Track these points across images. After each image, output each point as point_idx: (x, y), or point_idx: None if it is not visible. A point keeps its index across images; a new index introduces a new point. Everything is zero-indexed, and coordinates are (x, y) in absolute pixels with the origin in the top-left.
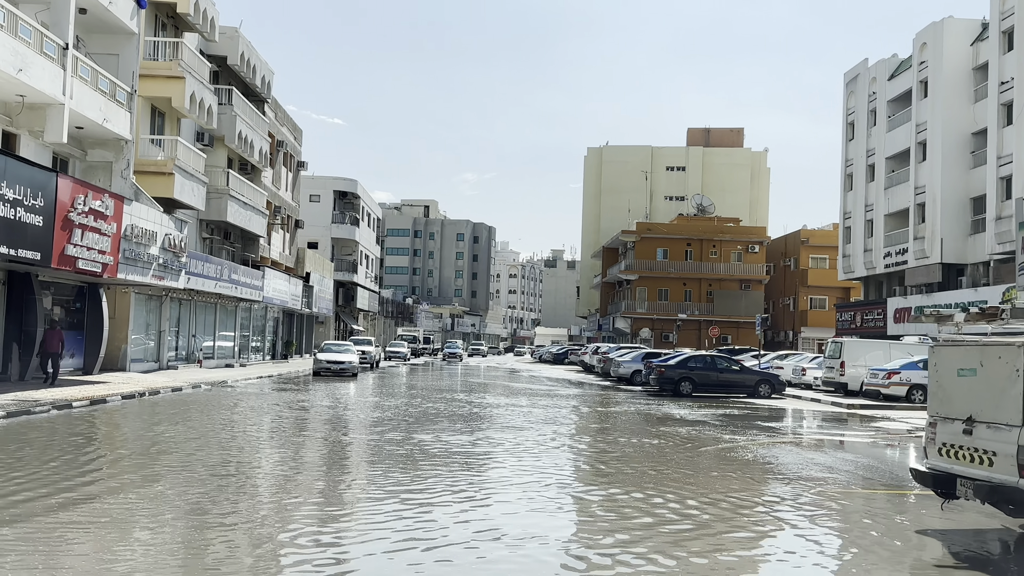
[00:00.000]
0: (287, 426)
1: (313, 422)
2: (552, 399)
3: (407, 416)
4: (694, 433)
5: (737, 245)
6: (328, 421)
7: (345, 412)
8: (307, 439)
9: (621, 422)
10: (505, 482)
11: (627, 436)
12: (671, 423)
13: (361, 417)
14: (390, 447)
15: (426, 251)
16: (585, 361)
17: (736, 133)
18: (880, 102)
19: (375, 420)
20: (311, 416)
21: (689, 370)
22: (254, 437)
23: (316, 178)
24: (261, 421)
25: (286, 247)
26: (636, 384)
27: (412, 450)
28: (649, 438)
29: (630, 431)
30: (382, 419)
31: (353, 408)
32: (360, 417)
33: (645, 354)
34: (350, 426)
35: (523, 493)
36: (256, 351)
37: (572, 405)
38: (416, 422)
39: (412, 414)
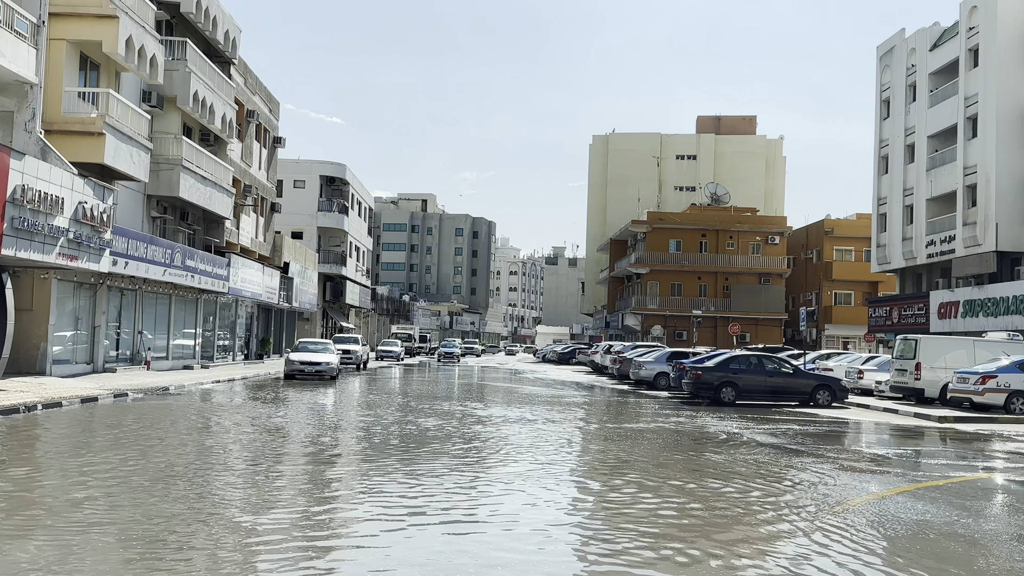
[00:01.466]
0: (193, 462)
1: (240, 454)
2: (564, 409)
3: (385, 441)
4: (771, 467)
5: (755, 236)
6: (268, 451)
7: (302, 435)
8: (208, 496)
9: (662, 445)
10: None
11: (678, 471)
12: (729, 447)
13: (321, 444)
14: (345, 511)
15: (423, 247)
16: (596, 361)
17: (748, 121)
18: (920, 75)
19: (338, 449)
20: (247, 441)
21: (732, 373)
22: (119, 489)
23: (301, 162)
24: (155, 456)
25: (259, 233)
26: (660, 388)
27: (384, 508)
28: (712, 476)
29: (682, 465)
30: (348, 448)
31: (315, 427)
32: (319, 444)
33: (671, 354)
34: (297, 462)
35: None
36: (225, 351)
37: (590, 418)
38: (395, 451)
39: (391, 438)
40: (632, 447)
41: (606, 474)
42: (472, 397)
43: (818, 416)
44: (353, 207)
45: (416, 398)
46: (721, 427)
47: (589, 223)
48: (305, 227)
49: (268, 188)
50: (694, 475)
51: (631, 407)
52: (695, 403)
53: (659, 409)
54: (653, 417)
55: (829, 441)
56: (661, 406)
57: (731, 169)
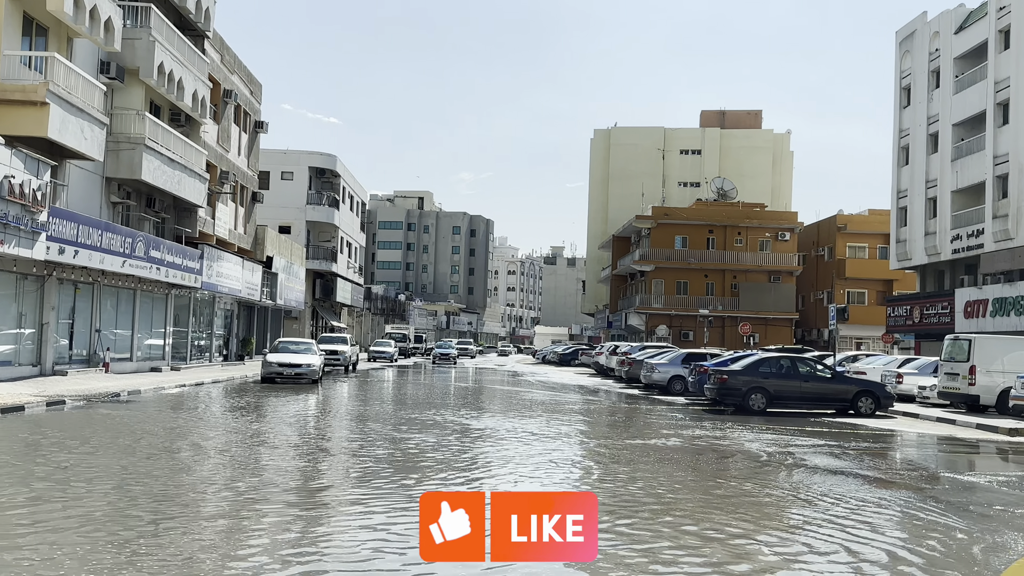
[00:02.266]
0: (73, 514)
1: (159, 493)
2: (572, 420)
3: (364, 473)
4: (862, 506)
5: (765, 232)
6: (197, 491)
7: (261, 458)
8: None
9: (701, 471)
10: None
11: (736, 514)
12: (784, 473)
13: (282, 472)
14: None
15: (420, 245)
16: (600, 363)
17: (754, 116)
18: (944, 60)
19: (293, 486)
20: (178, 468)
21: (762, 378)
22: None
23: (289, 153)
24: (51, 485)
25: (239, 224)
26: (675, 393)
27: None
28: (793, 524)
29: (737, 502)
30: (312, 484)
31: (275, 450)
32: (281, 472)
33: (686, 355)
34: (254, 501)
35: None
36: (202, 351)
37: (604, 432)
38: (374, 490)
39: (370, 466)
40: (665, 474)
41: (646, 525)
42: (468, 405)
43: (866, 428)
44: (344, 201)
45: (406, 406)
46: (760, 443)
47: (590, 220)
48: (293, 221)
49: (249, 176)
50: (765, 520)
51: (647, 416)
52: (718, 411)
53: (680, 419)
54: (676, 429)
55: (903, 464)
56: (681, 415)
57: (737, 164)
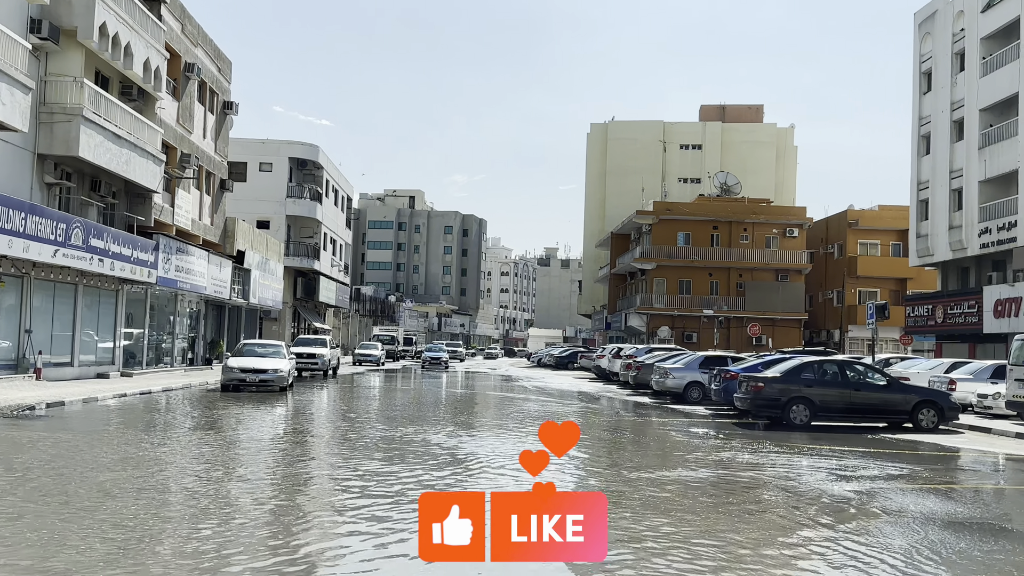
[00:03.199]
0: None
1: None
2: (584, 436)
3: (329, 500)
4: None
5: (772, 228)
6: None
7: (128, 510)
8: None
9: (765, 525)
10: None
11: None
12: (876, 519)
13: (186, 540)
14: None
15: (411, 245)
16: (602, 367)
17: (755, 110)
18: (970, 41)
19: (194, 555)
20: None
21: (804, 385)
22: None
23: (268, 142)
24: None
25: (204, 214)
26: (692, 401)
27: None
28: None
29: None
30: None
31: (171, 493)
32: (185, 539)
33: (704, 359)
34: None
35: None
36: (162, 355)
37: (619, 457)
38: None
39: (328, 515)
40: (708, 532)
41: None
42: (458, 420)
43: (943, 448)
44: (328, 195)
45: (385, 421)
46: (823, 474)
47: (587, 218)
48: (272, 215)
49: (216, 162)
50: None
51: (666, 433)
52: (748, 424)
53: (709, 436)
54: (706, 453)
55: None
56: (705, 429)
57: (739, 159)
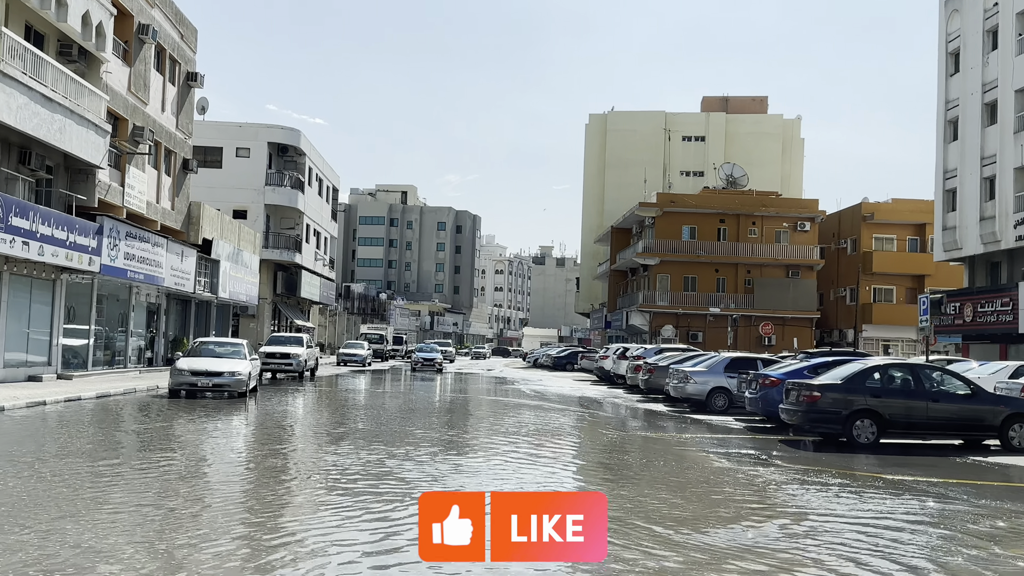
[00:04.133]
0: None
1: None
2: (586, 465)
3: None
4: None
5: (782, 222)
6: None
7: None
8: None
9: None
10: None
11: None
12: None
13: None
14: None
15: (403, 241)
16: (605, 369)
17: (759, 102)
18: (1004, 16)
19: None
20: None
21: (871, 395)
22: None
23: (245, 126)
24: None
25: (163, 196)
26: (716, 411)
27: None
28: None
29: None
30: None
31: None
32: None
33: (731, 361)
34: None
35: None
36: (114, 354)
37: (637, 501)
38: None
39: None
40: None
41: None
42: (444, 438)
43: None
44: (312, 184)
45: (356, 441)
46: (977, 534)
47: (585, 212)
48: (250, 204)
49: (179, 139)
50: None
51: (702, 458)
52: (794, 442)
53: (756, 461)
54: (769, 489)
55: None
56: (750, 450)
57: (744, 152)
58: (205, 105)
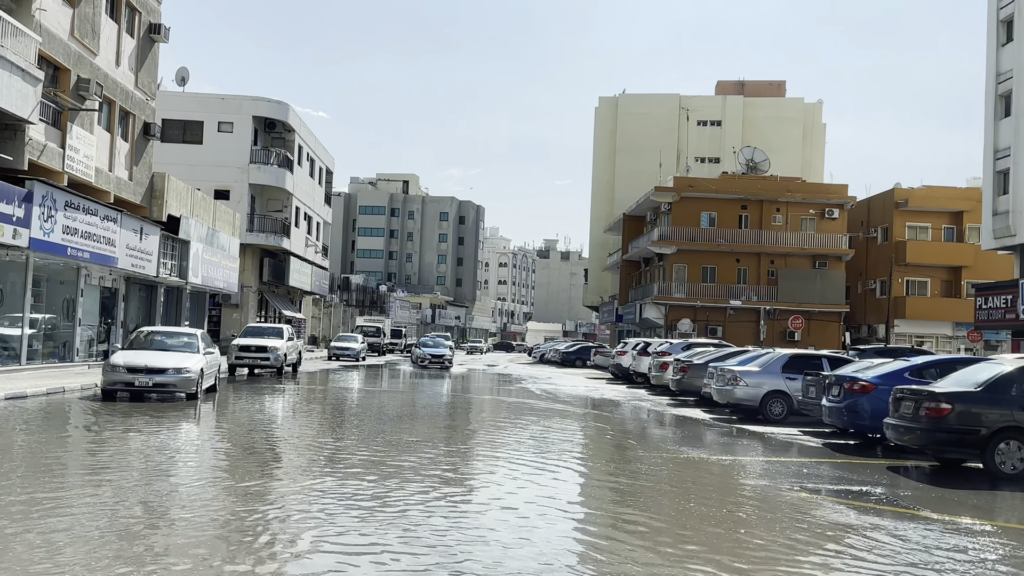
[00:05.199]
0: None
1: None
2: (638, 507)
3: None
4: None
5: (809, 209)
6: None
7: None
8: None
9: None
10: None
11: None
12: None
13: None
14: None
15: (404, 232)
16: (623, 366)
17: (777, 87)
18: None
19: None
20: None
21: (1018, 407)
22: None
23: (228, 99)
24: None
25: (117, 164)
26: (773, 419)
27: None
28: None
29: None
30: None
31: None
32: None
33: (790, 359)
34: None
35: None
36: (59, 345)
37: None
38: None
39: None
40: None
41: None
42: (438, 458)
43: None
44: (302, 163)
45: (330, 465)
46: None
47: (594, 199)
48: (233, 183)
49: (138, 100)
50: None
51: (795, 499)
52: (902, 468)
53: (892, 507)
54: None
55: None
56: (863, 486)
57: (763, 137)
58: (185, 76)
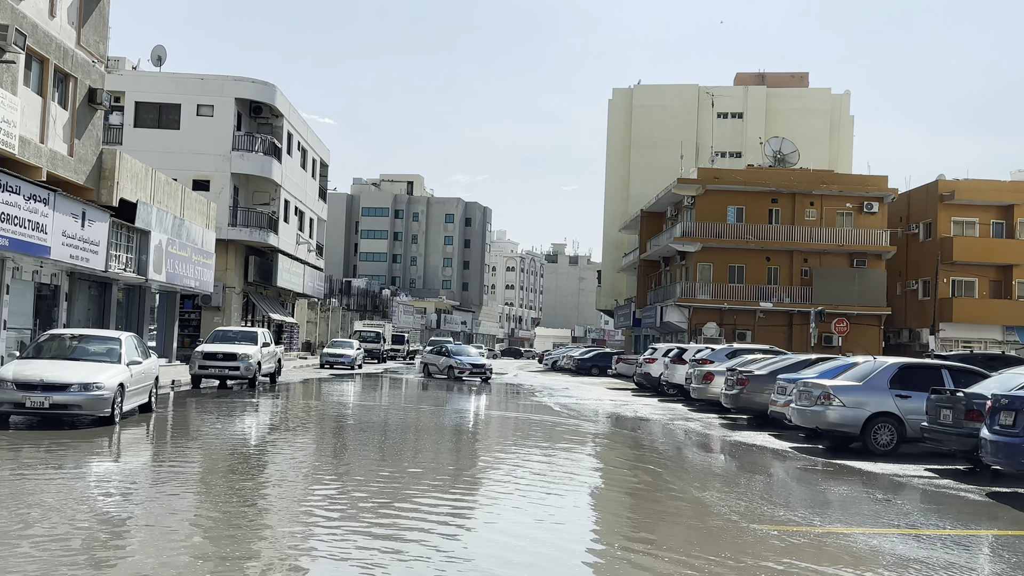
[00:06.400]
0: None
1: None
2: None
3: None
4: None
5: (845, 202)
6: None
7: None
8: None
9: None
10: None
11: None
12: None
13: None
14: None
15: (408, 234)
16: (653, 375)
17: (799, 78)
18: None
19: None
20: None
21: None
22: None
23: (208, 79)
24: None
25: (52, 135)
26: (880, 451)
27: None
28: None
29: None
30: None
31: None
32: None
33: (899, 370)
34: None
35: None
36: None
37: None
38: None
39: None
40: None
41: None
42: (433, 513)
43: None
44: (292, 153)
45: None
46: None
47: (608, 197)
48: (213, 172)
49: (81, 60)
50: None
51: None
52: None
53: None
54: None
55: None
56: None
57: (787, 130)
58: (162, 55)
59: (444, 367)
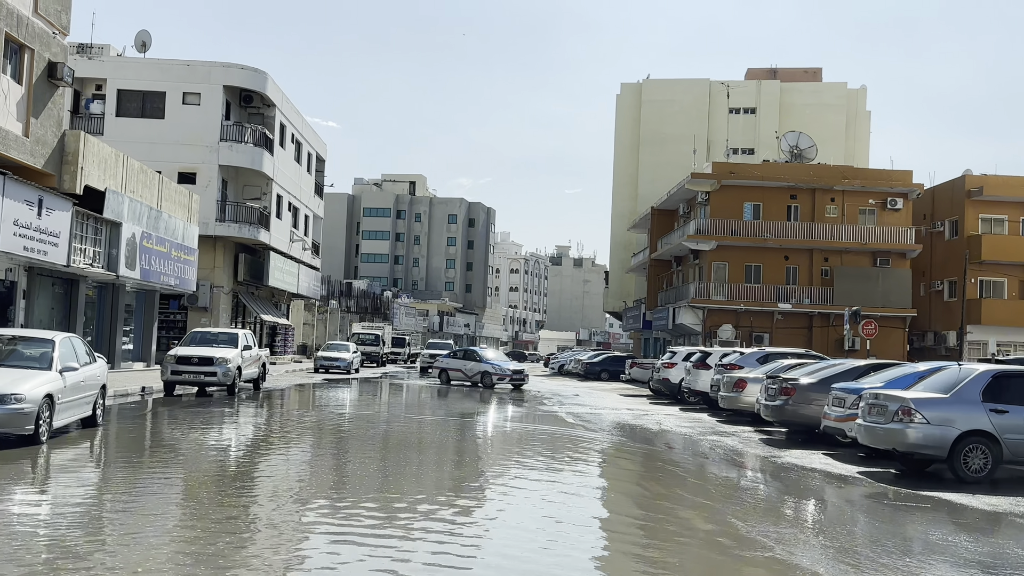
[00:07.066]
0: None
1: None
2: None
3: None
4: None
5: (868, 198)
6: None
7: None
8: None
9: None
10: None
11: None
12: None
13: None
14: None
15: (411, 235)
16: (672, 382)
17: (812, 74)
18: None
19: None
20: None
21: None
22: None
23: (194, 65)
24: None
25: (6, 113)
26: (972, 479)
27: None
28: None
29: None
30: None
31: None
32: None
33: (992, 380)
34: None
35: None
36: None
37: None
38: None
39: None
40: None
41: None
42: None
43: None
44: (285, 145)
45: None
46: None
47: (616, 195)
48: (200, 164)
49: (39, 30)
50: None
51: None
52: None
53: None
54: None
55: None
56: None
57: (802, 125)
58: (147, 40)
59: (474, 373)
